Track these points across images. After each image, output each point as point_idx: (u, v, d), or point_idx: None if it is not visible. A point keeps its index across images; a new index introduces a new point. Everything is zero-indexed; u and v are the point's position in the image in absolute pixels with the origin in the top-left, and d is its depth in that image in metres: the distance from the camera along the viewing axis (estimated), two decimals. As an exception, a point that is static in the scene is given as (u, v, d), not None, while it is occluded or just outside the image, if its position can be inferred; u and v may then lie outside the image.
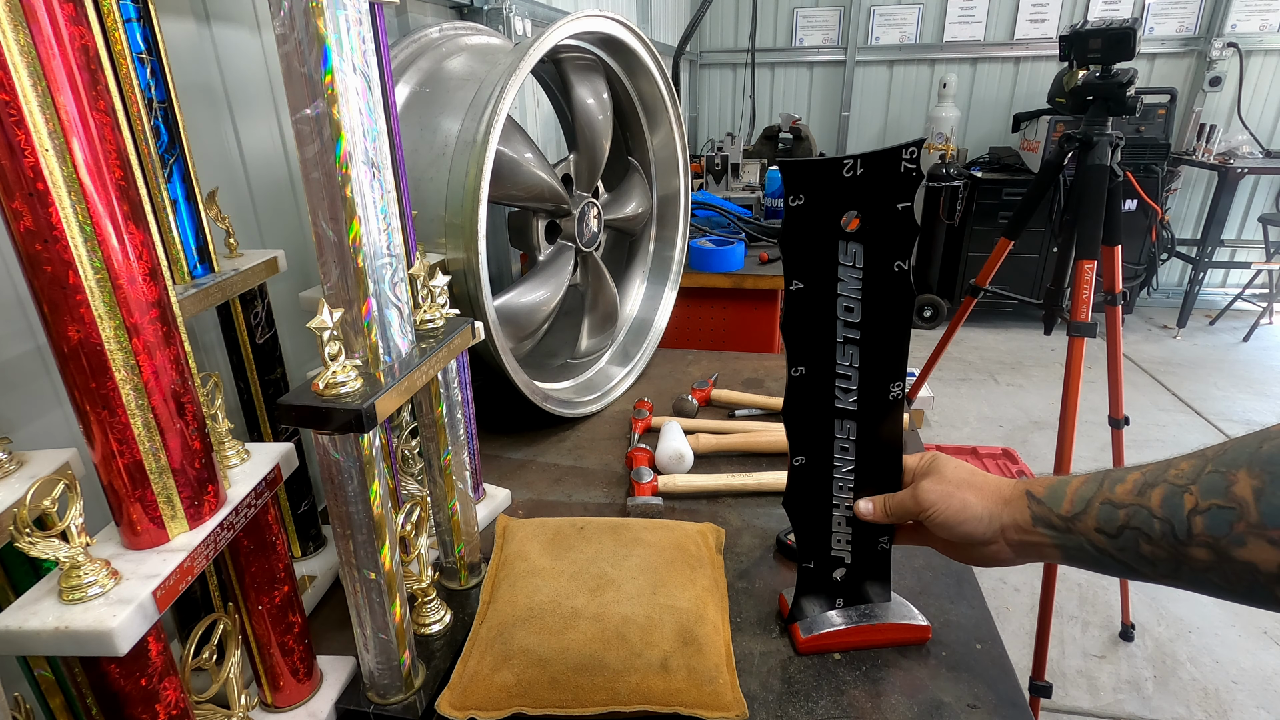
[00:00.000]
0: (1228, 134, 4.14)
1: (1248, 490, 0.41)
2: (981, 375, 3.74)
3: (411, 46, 1.03)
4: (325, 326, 0.51)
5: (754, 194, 2.58)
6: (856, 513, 0.66)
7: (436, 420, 0.70)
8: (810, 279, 0.59)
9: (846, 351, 0.60)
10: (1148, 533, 0.46)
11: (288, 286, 0.89)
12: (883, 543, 0.69)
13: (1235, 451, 0.44)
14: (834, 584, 0.70)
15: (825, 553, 0.69)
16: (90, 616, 0.40)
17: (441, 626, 0.71)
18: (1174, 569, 0.46)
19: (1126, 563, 0.49)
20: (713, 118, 5.01)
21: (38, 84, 0.36)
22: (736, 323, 1.93)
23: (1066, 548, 0.53)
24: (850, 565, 0.70)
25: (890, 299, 0.59)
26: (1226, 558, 0.42)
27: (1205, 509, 0.43)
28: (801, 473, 0.65)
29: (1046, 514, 0.54)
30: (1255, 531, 0.41)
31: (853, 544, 0.69)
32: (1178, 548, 0.45)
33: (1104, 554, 0.50)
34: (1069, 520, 0.52)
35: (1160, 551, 0.46)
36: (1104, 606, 2.11)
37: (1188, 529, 0.44)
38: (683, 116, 1.37)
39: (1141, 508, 0.47)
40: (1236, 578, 0.42)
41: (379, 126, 0.55)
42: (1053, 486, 0.54)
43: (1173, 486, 0.46)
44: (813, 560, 0.69)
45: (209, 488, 0.48)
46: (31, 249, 0.38)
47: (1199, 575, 0.45)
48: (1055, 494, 0.54)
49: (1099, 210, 1.58)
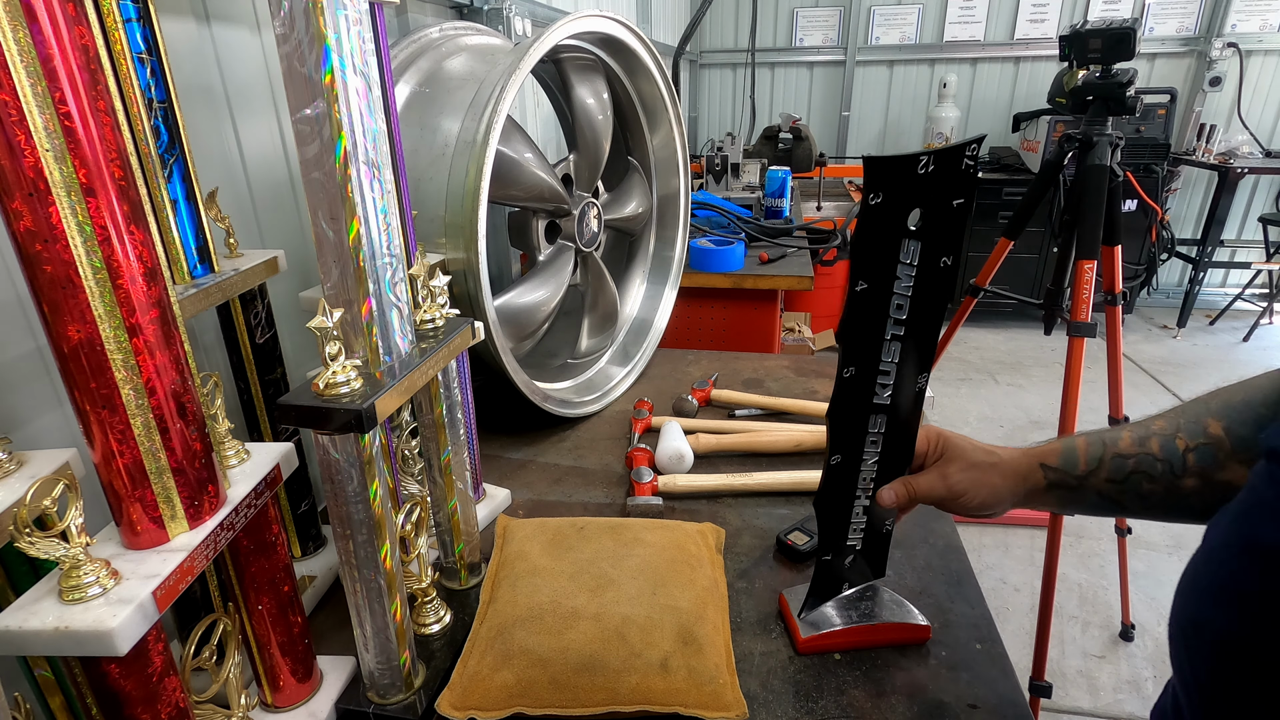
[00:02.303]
0: (1228, 134, 4.14)
1: (1219, 430, 0.55)
2: (981, 375, 3.74)
3: (411, 46, 1.03)
4: (325, 326, 0.51)
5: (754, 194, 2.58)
6: (880, 501, 0.66)
7: (436, 420, 0.70)
8: (874, 278, 0.58)
9: (891, 348, 0.61)
10: (1150, 473, 0.57)
11: (288, 286, 0.89)
12: (888, 525, 0.70)
13: (1195, 408, 0.58)
14: (844, 571, 0.72)
15: (842, 544, 0.70)
16: (90, 616, 0.40)
17: (441, 626, 0.71)
18: (1163, 499, 0.57)
19: (1121, 502, 0.59)
20: (713, 118, 5.01)
21: (38, 84, 0.36)
22: (736, 323, 1.93)
23: (1068, 503, 0.62)
24: (860, 551, 0.71)
25: (934, 294, 0.60)
26: (1210, 481, 0.55)
27: (1194, 447, 0.56)
28: (836, 471, 0.66)
29: (1063, 478, 0.62)
30: (1231, 458, 0.54)
31: (865, 531, 0.70)
32: (1173, 481, 0.56)
33: (1105, 499, 0.60)
34: (1083, 478, 0.61)
35: (1158, 488, 0.57)
36: (1104, 606, 2.11)
37: (1183, 464, 0.56)
38: (683, 116, 1.37)
39: (1146, 454, 0.58)
40: (1214, 496, 0.54)
41: (379, 126, 0.55)
42: (1063, 454, 0.62)
43: (1164, 436, 0.58)
44: (831, 553, 0.70)
45: (209, 488, 0.48)
46: (31, 249, 0.38)
47: (1183, 500, 0.56)
48: (1069, 459, 0.62)
49: (1099, 210, 1.58)
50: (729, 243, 1.91)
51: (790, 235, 2.15)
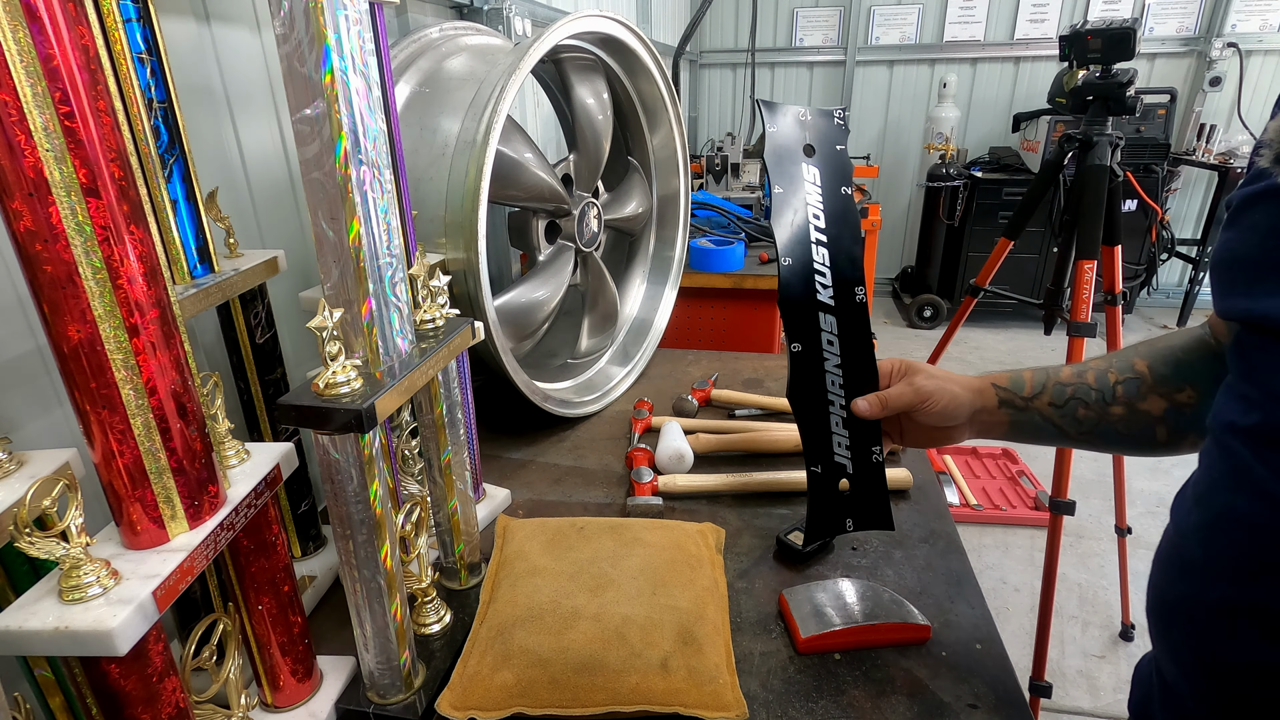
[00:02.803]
0: (1228, 134, 4.14)
1: (1145, 368, 0.65)
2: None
3: (411, 46, 1.03)
4: (325, 326, 0.51)
5: (754, 194, 2.58)
6: (855, 411, 0.74)
7: (436, 420, 0.70)
8: (786, 185, 0.73)
9: (820, 250, 0.74)
10: (1085, 400, 0.66)
11: (288, 286, 0.89)
12: (875, 454, 0.76)
13: (1126, 351, 0.68)
14: (842, 499, 0.76)
15: (829, 457, 0.75)
16: (90, 616, 0.40)
17: (441, 626, 0.71)
18: (1095, 424, 0.66)
19: (1061, 426, 0.68)
20: (713, 118, 5.01)
21: (38, 84, 0.36)
22: (736, 323, 1.93)
23: (1018, 423, 0.70)
24: (852, 477, 0.75)
25: (843, 216, 0.75)
26: (1134, 410, 0.64)
27: (1122, 380, 0.65)
28: (800, 360, 0.74)
29: (1011, 397, 0.70)
30: (1151, 390, 0.64)
31: (851, 450, 0.75)
32: (1104, 408, 0.66)
33: (1047, 421, 0.68)
34: (1028, 400, 0.69)
35: (1091, 413, 0.66)
36: (1104, 606, 2.11)
37: (1113, 394, 0.65)
38: (683, 116, 1.37)
39: (1082, 384, 0.67)
40: (1136, 423, 0.64)
41: (379, 126, 0.55)
42: (1012, 378, 0.71)
43: (1098, 371, 0.67)
44: (819, 464, 0.74)
45: (209, 488, 0.48)
46: (31, 249, 0.38)
47: (1110, 426, 0.65)
48: (1016, 383, 0.71)
49: (1099, 210, 1.58)
50: (729, 243, 1.92)
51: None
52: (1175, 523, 0.52)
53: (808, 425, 0.74)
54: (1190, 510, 0.50)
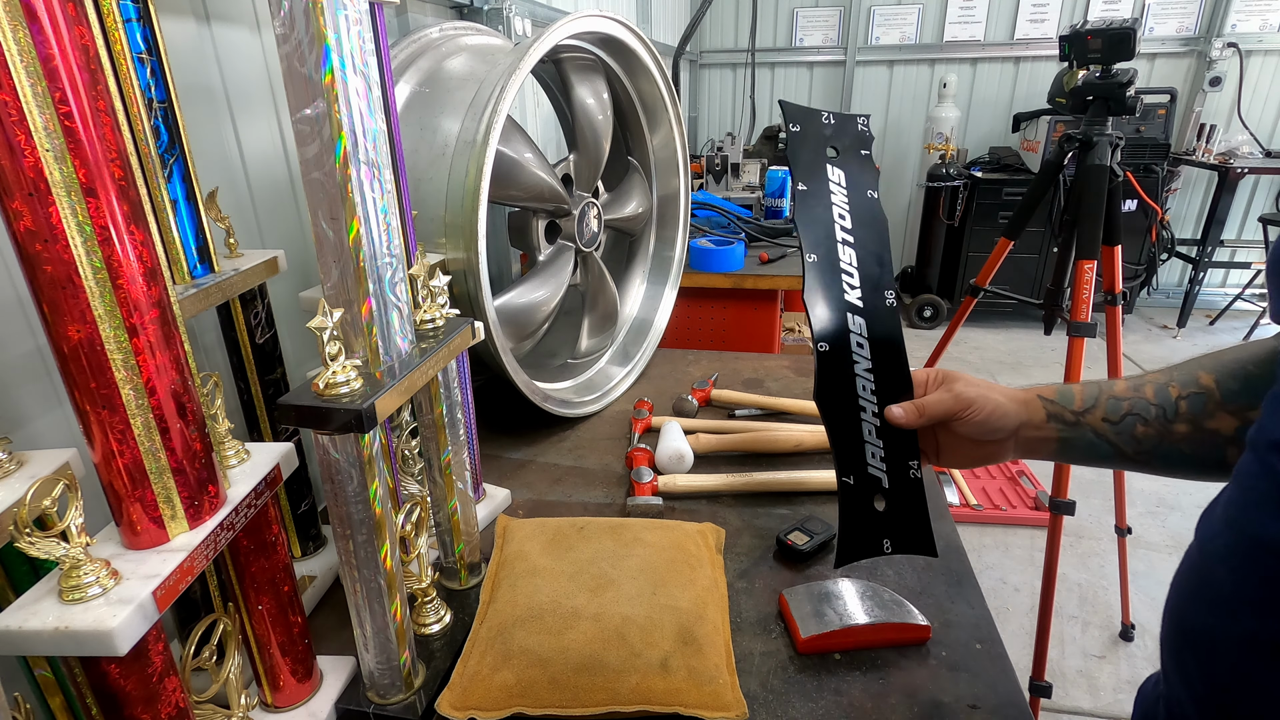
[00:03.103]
0: (1228, 134, 4.14)
1: (1210, 381, 0.58)
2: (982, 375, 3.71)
3: (411, 46, 1.03)
4: (325, 326, 0.51)
5: (754, 194, 2.58)
6: (890, 418, 0.68)
7: (436, 420, 0.70)
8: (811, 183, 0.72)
9: (846, 250, 0.71)
10: (1144, 416, 0.60)
11: (288, 286, 0.89)
12: (913, 469, 0.69)
13: (1188, 364, 0.61)
14: (878, 518, 0.69)
15: (862, 468, 0.68)
16: (90, 616, 0.40)
17: (441, 626, 0.71)
18: (1156, 444, 0.60)
19: (1118, 445, 0.61)
20: (713, 118, 5.01)
21: (38, 84, 0.36)
22: (736, 323, 1.93)
23: (1068, 439, 0.64)
24: (888, 492, 0.69)
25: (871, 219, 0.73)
26: (1200, 428, 0.58)
27: (1186, 395, 0.59)
28: (827, 361, 0.69)
29: (1060, 411, 0.64)
30: (1220, 407, 0.57)
31: (886, 464, 0.69)
32: (1165, 425, 0.59)
33: (1101, 439, 0.62)
34: (1079, 414, 0.63)
35: (1151, 431, 0.60)
36: (1104, 606, 2.11)
37: (1175, 409, 0.59)
38: (683, 116, 1.37)
39: (1140, 398, 0.61)
40: (1204, 443, 0.58)
41: (379, 126, 0.55)
42: (1060, 391, 0.65)
43: (1158, 384, 0.61)
44: (851, 475, 0.68)
45: (209, 488, 0.48)
46: (31, 249, 0.38)
47: (1174, 446, 0.59)
48: (1065, 396, 0.65)
49: (1099, 210, 1.58)
50: (729, 243, 1.92)
51: (790, 235, 2.15)
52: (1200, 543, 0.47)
53: (837, 432, 0.69)
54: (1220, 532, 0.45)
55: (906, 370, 0.70)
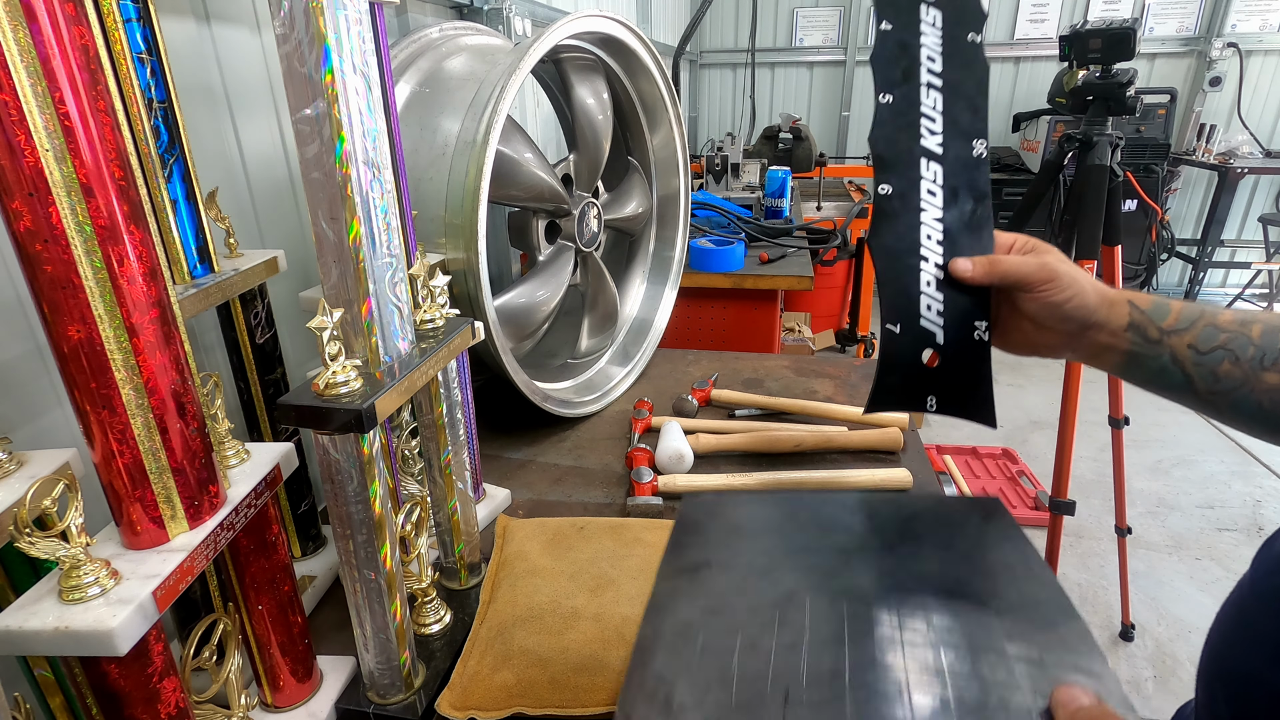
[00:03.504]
0: (1228, 134, 4.14)
1: None
2: (981, 375, 3.74)
3: (411, 46, 1.03)
4: (325, 326, 0.51)
5: (754, 194, 2.58)
6: (955, 271, 0.61)
7: (436, 420, 0.70)
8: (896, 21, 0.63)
9: (931, 94, 0.63)
10: (1238, 355, 0.54)
11: (288, 286, 0.89)
12: (979, 329, 0.62)
13: None
14: (923, 372, 0.63)
15: (913, 317, 0.62)
16: (90, 616, 0.40)
17: (441, 626, 0.71)
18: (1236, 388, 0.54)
19: (1193, 378, 0.56)
20: (713, 118, 5.01)
21: (38, 84, 0.36)
22: (736, 323, 1.93)
23: (1140, 356, 0.58)
24: (943, 349, 0.62)
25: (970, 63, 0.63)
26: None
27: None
28: (887, 204, 0.62)
29: (1145, 324, 0.58)
30: None
31: (944, 318, 0.62)
32: (1255, 371, 0.53)
33: (1178, 366, 0.56)
34: (1166, 332, 0.57)
35: (1237, 372, 0.54)
36: (1104, 606, 2.12)
37: (1276, 357, 0.53)
38: (683, 116, 1.37)
39: (1241, 334, 0.55)
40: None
41: (379, 126, 0.55)
42: (1155, 302, 0.59)
43: (1269, 325, 0.55)
44: (898, 323, 0.62)
45: (209, 488, 0.48)
46: (31, 249, 0.38)
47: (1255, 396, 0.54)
48: (1159, 309, 0.58)
49: (1099, 210, 1.58)
50: (729, 243, 1.91)
51: (790, 235, 2.15)
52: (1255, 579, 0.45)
53: (888, 276, 0.62)
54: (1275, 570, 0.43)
55: (988, 228, 0.63)
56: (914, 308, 0.63)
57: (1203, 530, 2.48)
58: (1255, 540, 2.44)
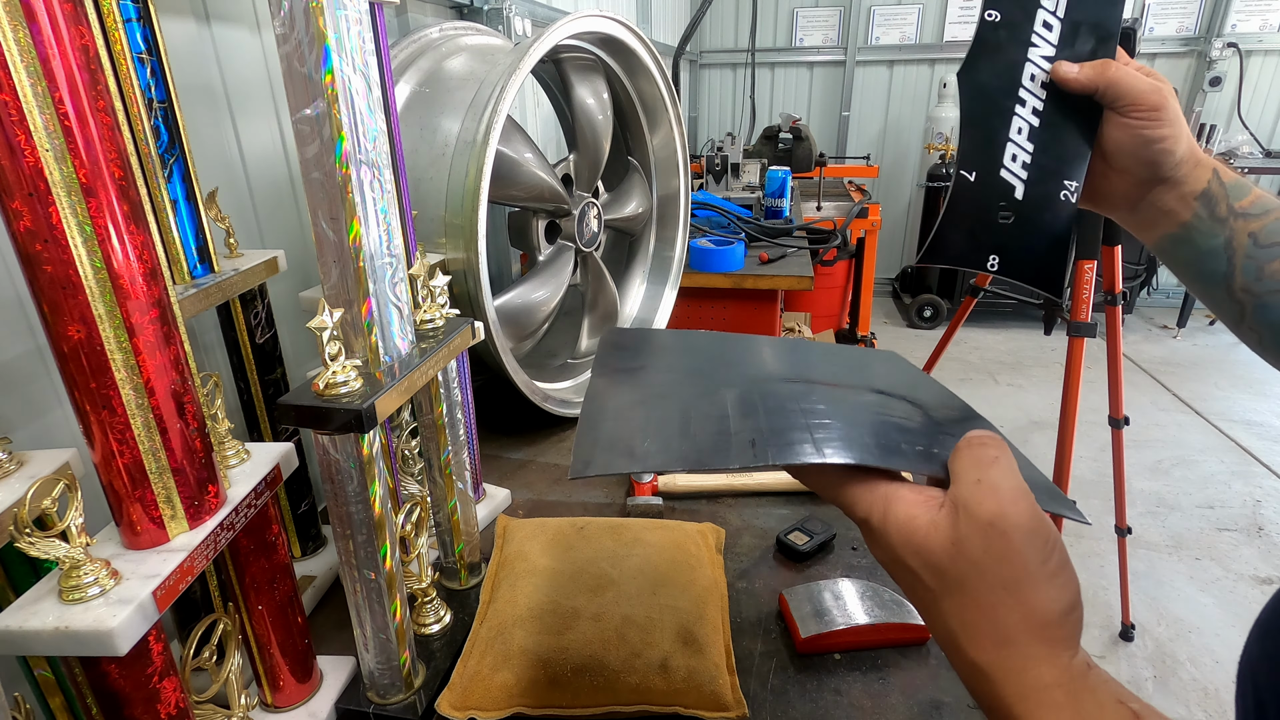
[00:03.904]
0: (1228, 134, 4.14)
1: None
2: (981, 375, 3.74)
3: (411, 46, 1.03)
4: (325, 326, 0.51)
5: (754, 194, 2.58)
6: (1057, 73, 0.55)
7: (436, 420, 0.70)
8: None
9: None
10: None
11: (288, 286, 0.89)
12: (1068, 189, 0.56)
13: None
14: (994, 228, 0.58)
15: (994, 166, 0.57)
16: (90, 616, 0.40)
17: (441, 626, 0.71)
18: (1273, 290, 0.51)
19: (1238, 268, 0.53)
20: (713, 118, 5.01)
21: (38, 84, 0.36)
22: (736, 323, 1.93)
23: (1195, 229, 0.54)
24: (1020, 205, 0.57)
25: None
26: None
27: None
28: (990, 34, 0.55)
29: (1220, 196, 0.54)
30: None
31: (1029, 171, 0.57)
32: None
33: (1229, 251, 0.53)
34: (1236, 213, 0.53)
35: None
36: (1104, 607, 2.12)
37: None
38: (683, 116, 1.37)
39: None
40: None
41: (379, 126, 0.55)
42: (1236, 180, 0.55)
43: None
44: (974, 171, 0.57)
45: (209, 488, 0.48)
46: (31, 249, 0.38)
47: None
48: (1237, 188, 0.54)
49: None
50: (729, 243, 1.91)
51: (790, 235, 2.15)
52: None
53: (974, 115, 0.56)
54: None
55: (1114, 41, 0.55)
56: (997, 155, 0.57)
57: (1203, 530, 2.48)
58: (1255, 540, 2.44)
